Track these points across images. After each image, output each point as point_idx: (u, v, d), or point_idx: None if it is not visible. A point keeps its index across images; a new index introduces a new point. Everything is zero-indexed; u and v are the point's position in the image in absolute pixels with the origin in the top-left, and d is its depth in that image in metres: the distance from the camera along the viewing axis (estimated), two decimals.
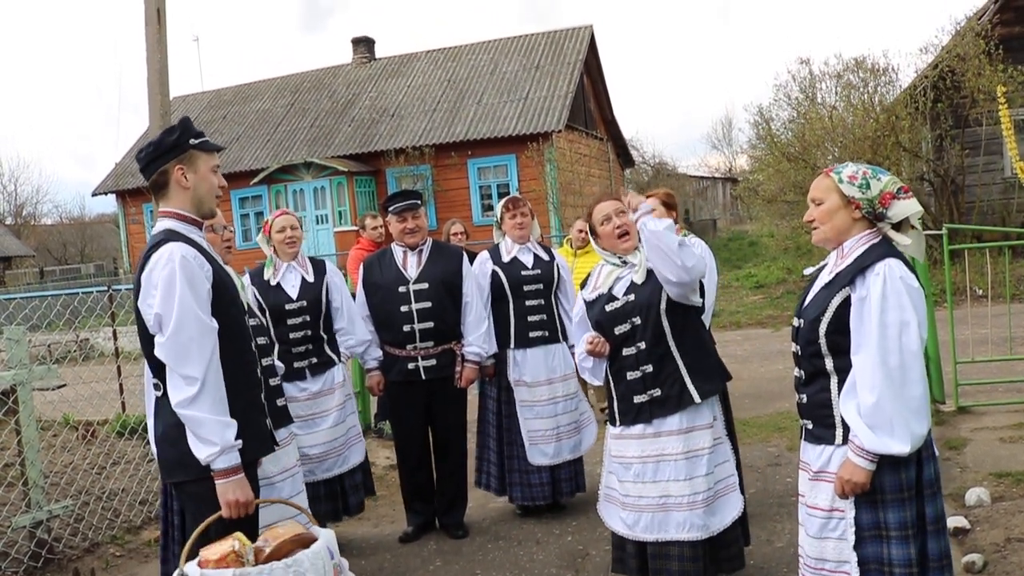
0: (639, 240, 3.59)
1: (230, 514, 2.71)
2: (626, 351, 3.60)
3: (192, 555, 2.64)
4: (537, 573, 4.37)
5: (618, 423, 3.67)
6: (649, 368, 3.55)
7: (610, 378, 3.69)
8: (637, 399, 3.58)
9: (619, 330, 3.60)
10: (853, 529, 2.63)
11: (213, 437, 2.67)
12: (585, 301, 3.78)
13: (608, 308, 3.63)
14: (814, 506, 2.76)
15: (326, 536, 2.78)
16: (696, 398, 3.51)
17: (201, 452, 2.69)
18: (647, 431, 3.58)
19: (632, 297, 3.59)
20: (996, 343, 7.39)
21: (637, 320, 3.56)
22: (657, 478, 3.55)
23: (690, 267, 3.37)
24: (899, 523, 2.60)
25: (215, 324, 2.77)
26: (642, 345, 3.56)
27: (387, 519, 5.47)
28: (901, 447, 2.51)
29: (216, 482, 2.71)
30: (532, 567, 4.46)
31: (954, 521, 4.28)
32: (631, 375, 3.59)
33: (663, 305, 3.52)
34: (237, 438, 2.75)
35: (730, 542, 3.61)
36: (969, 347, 6.97)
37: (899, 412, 2.51)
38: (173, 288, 2.71)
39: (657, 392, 3.55)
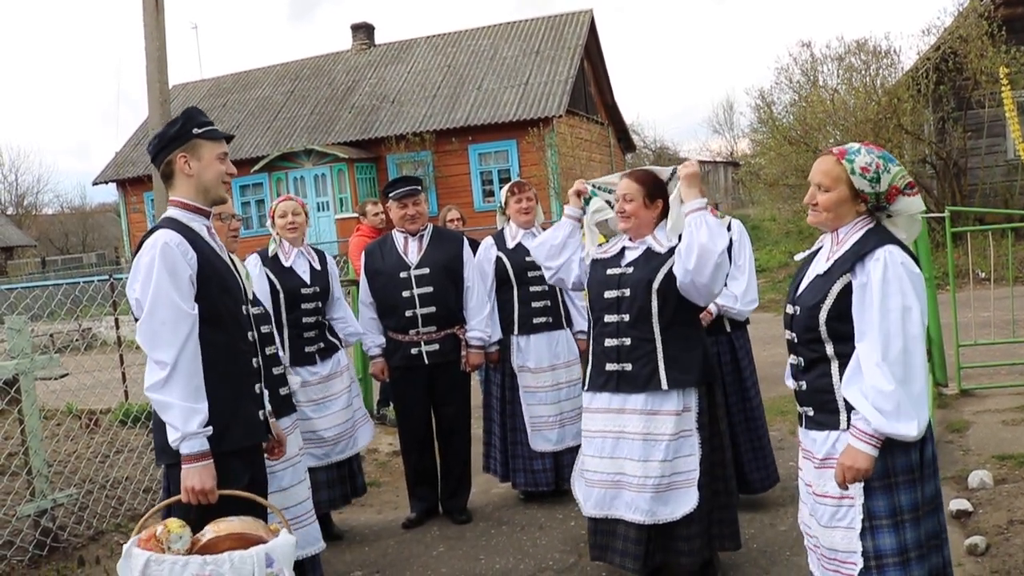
0: (654, 232, 3.64)
1: (188, 500, 2.72)
2: (609, 318, 3.63)
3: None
4: (540, 558, 4.39)
5: (587, 386, 3.73)
6: (627, 341, 3.58)
7: (591, 341, 3.75)
8: (609, 366, 3.62)
9: (608, 295, 3.63)
10: (861, 517, 2.60)
11: (176, 423, 2.70)
12: (592, 259, 3.80)
13: (609, 272, 3.66)
14: (823, 494, 2.69)
15: (281, 543, 2.63)
16: (664, 384, 3.52)
17: (169, 436, 2.74)
18: (612, 404, 3.61)
19: (631, 270, 3.61)
20: (999, 326, 7.37)
21: (627, 292, 3.59)
22: (615, 454, 3.59)
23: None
24: (912, 504, 2.59)
25: (194, 311, 2.78)
26: (626, 317, 3.59)
27: (390, 505, 5.48)
28: (910, 431, 2.48)
29: (182, 467, 2.74)
30: (535, 552, 4.47)
31: (957, 504, 4.28)
32: (609, 342, 3.63)
33: (656, 284, 3.54)
34: (215, 425, 2.76)
35: (689, 536, 3.56)
36: (972, 330, 6.95)
37: (905, 398, 2.48)
38: (151, 273, 2.76)
39: (628, 366, 3.57)
